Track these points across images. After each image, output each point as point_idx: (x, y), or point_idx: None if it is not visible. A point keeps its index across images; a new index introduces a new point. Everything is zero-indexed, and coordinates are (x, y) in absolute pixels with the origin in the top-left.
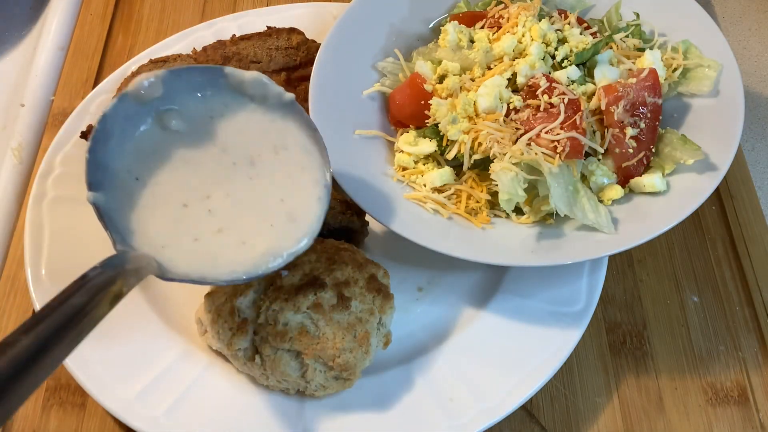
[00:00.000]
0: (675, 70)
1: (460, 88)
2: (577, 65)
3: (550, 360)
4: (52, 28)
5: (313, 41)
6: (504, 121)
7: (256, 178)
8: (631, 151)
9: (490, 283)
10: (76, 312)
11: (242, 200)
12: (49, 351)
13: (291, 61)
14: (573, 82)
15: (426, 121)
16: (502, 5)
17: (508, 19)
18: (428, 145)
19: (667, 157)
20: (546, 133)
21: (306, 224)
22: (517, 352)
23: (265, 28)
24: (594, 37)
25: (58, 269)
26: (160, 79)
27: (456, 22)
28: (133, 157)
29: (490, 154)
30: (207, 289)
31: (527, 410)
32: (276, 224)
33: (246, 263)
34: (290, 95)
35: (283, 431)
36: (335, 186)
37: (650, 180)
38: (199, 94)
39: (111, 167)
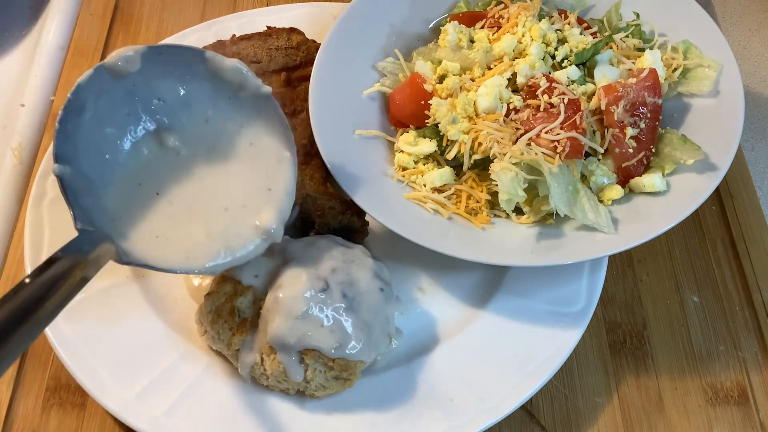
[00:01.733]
0: (675, 70)
1: (460, 88)
2: (577, 65)
3: (550, 360)
4: (52, 28)
5: (313, 41)
6: (504, 121)
7: (223, 169)
8: (631, 151)
9: (490, 283)
10: (32, 303)
11: (208, 189)
12: (13, 332)
13: (291, 61)
14: (573, 82)
15: (426, 121)
16: (502, 5)
17: (508, 19)
18: (428, 145)
19: (667, 157)
20: (546, 133)
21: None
22: (517, 352)
23: (265, 28)
24: (594, 37)
25: None
26: (139, 54)
27: (456, 22)
28: (104, 136)
29: (490, 154)
30: (207, 289)
31: (527, 410)
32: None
33: (211, 251)
34: (268, 88)
35: (283, 431)
36: (335, 186)
37: (650, 180)
38: (177, 81)
39: (81, 142)
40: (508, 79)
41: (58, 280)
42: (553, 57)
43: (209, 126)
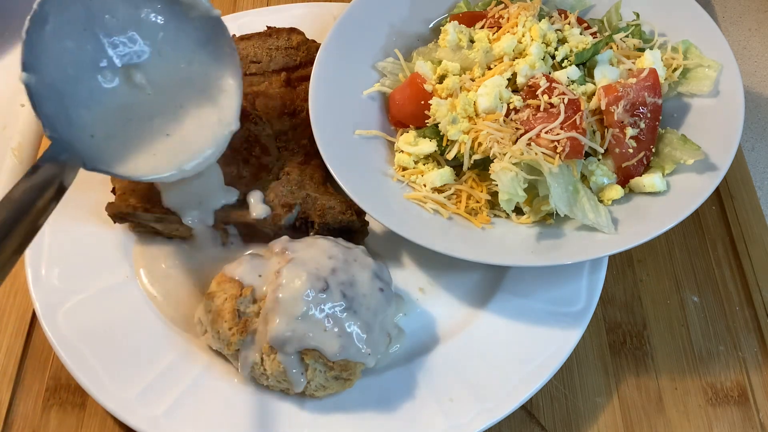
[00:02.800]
0: (675, 70)
1: (460, 88)
2: (577, 65)
3: (550, 360)
4: None
5: (313, 41)
6: (504, 121)
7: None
8: (631, 151)
9: (490, 283)
10: (25, 208)
11: (165, 104)
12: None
13: (291, 61)
14: (573, 82)
15: (426, 121)
16: (502, 5)
17: (508, 19)
18: (428, 145)
19: (667, 157)
20: (546, 133)
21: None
22: (517, 352)
23: (265, 28)
24: (594, 37)
25: (58, 269)
26: None
27: (456, 22)
28: (65, 50)
29: (490, 154)
30: (207, 289)
31: (527, 410)
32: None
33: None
34: (217, 11)
35: (283, 431)
36: (335, 186)
37: (650, 180)
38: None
39: (44, 53)
40: (508, 79)
41: (42, 187)
42: (553, 57)
43: (162, 46)
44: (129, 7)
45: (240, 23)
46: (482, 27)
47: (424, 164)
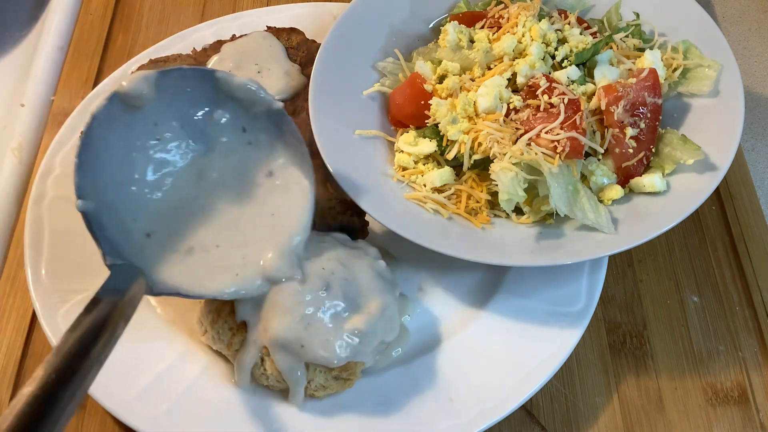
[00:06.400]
0: (675, 70)
1: (460, 88)
2: (577, 65)
3: (550, 360)
4: (52, 28)
5: (313, 41)
6: (504, 121)
7: (248, 198)
8: (631, 151)
9: (490, 283)
10: (82, 350)
11: (238, 219)
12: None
13: (291, 61)
14: (573, 82)
15: (426, 121)
16: (502, 5)
17: (508, 19)
18: (428, 145)
19: (667, 157)
20: (546, 133)
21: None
22: (517, 352)
23: (265, 28)
24: (594, 37)
25: (58, 269)
26: (152, 81)
27: (456, 22)
28: (126, 166)
29: (490, 154)
30: None
31: (527, 410)
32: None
33: (237, 281)
34: (279, 104)
35: (283, 431)
36: (335, 186)
37: (650, 180)
38: (190, 104)
39: (102, 173)
40: (508, 79)
41: (100, 327)
42: (553, 57)
43: (230, 149)
44: (191, 113)
45: (240, 23)
46: (482, 27)
47: (424, 164)
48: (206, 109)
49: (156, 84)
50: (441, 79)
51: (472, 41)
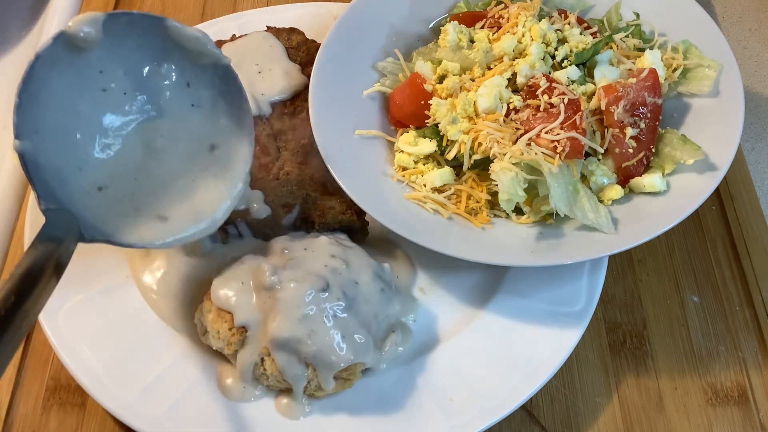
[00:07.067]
0: (675, 70)
1: (460, 88)
2: (577, 65)
3: (550, 360)
4: (52, 28)
5: (313, 41)
6: (504, 121)
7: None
8: (631, 151)
9: (490, 283)
10: (18, 297)
11: (171, 166)
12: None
13: (291, 61)
14: (573, 82)
15: (426, 121)
16: (502, 5)
17: (508, 19)
18: (428, 145)
19: (667, 157)
20: (546, 133)
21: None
22: (517, 352)
23: (265, 28)
24: (594, 37)
25: None
26: (100, 23)
27: (456, 22)
28: (71, 114)
29: (490, 154)
30: (208, 288)
31: (527, 410)
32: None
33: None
34: (228, 59)
35: (283, 431)
36: (335, 186)
37: (650, 180)
38: (139, 51)
39: (44, 116)
40: (508, 79)
41: (36, 276)
42: (553, 57)
43: (176, 112)
44: (140, 61)
45: (240, 23)
46: (482, 27)
47: (424, 164)
48: (153, 59)
49: (103, 26)
50: (441, 79)
51: (472, 41)
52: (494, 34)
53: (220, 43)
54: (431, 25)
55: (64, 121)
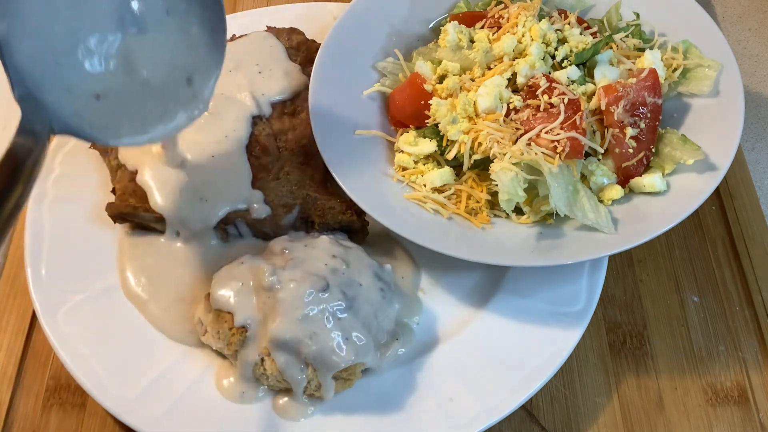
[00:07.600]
0: (675, 70)
1: (460, 88)
2: (577, 65)
3: (550, 360)
4: None
5: (313, 41)
6: (504, 121)
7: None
8: (631, 151)
9: (490, 283)
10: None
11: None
12: None
13: (291, 62)
14: (573, 82)
15: (426, 121)
16: (502, 5)
17: (508, 19)
18: (428, 145)
19: (667, 157)
20: (546, 133)
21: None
22: (517, 352)
23: (265, 28)
24: (594, 37)
25: (58, 269)
26: None
27: (456, 22)
28: (50, 5)
29: (490, 154)
30: (208, 288)
31: (527, 410)
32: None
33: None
34: None
35: (283, 431)
36: (335, 186)
37: (650, 180)
38: None
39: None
40: (508, 79)
41: (19, 166)
42: (553, 57)
43: (151, 22)
44: None
45: (240, 23)
46: (482, 27)
47: (424, 164)
48: None
49: None
50: (441, 79)
51: (472, 41)
52: (494, 34)
53: None
54: (431, 25)
55: (44, 11)
